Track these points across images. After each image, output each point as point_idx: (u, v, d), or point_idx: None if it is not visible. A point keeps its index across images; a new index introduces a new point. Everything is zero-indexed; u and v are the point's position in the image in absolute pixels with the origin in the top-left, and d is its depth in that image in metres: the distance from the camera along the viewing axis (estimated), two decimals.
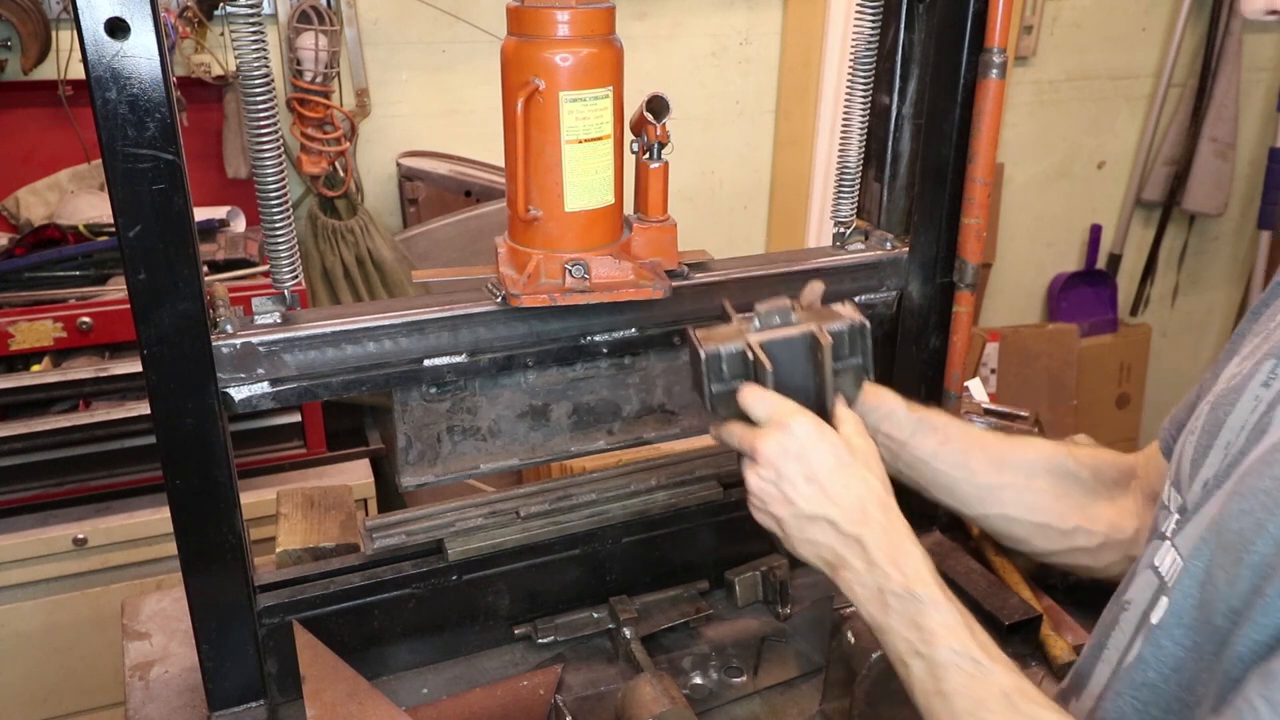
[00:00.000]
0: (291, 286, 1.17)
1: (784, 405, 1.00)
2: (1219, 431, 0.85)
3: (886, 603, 0.92)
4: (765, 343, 1.02)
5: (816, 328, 1.02)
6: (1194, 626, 0.78)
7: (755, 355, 1.01)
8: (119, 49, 0.94)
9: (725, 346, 1.02)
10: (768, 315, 1.05)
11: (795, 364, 1.02)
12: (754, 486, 1.00)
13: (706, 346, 1.03)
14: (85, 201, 2.40)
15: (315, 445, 2.37)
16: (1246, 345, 0.92)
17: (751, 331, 1.04)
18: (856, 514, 0.95)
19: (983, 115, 1.32)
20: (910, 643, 0.90)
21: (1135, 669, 0.83)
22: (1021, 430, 1.97)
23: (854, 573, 0.95)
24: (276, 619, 1.26)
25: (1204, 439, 0.87)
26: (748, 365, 1.03)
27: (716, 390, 1.03)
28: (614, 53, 1.16)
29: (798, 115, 3.21)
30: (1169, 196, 3.92)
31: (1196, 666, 0.77)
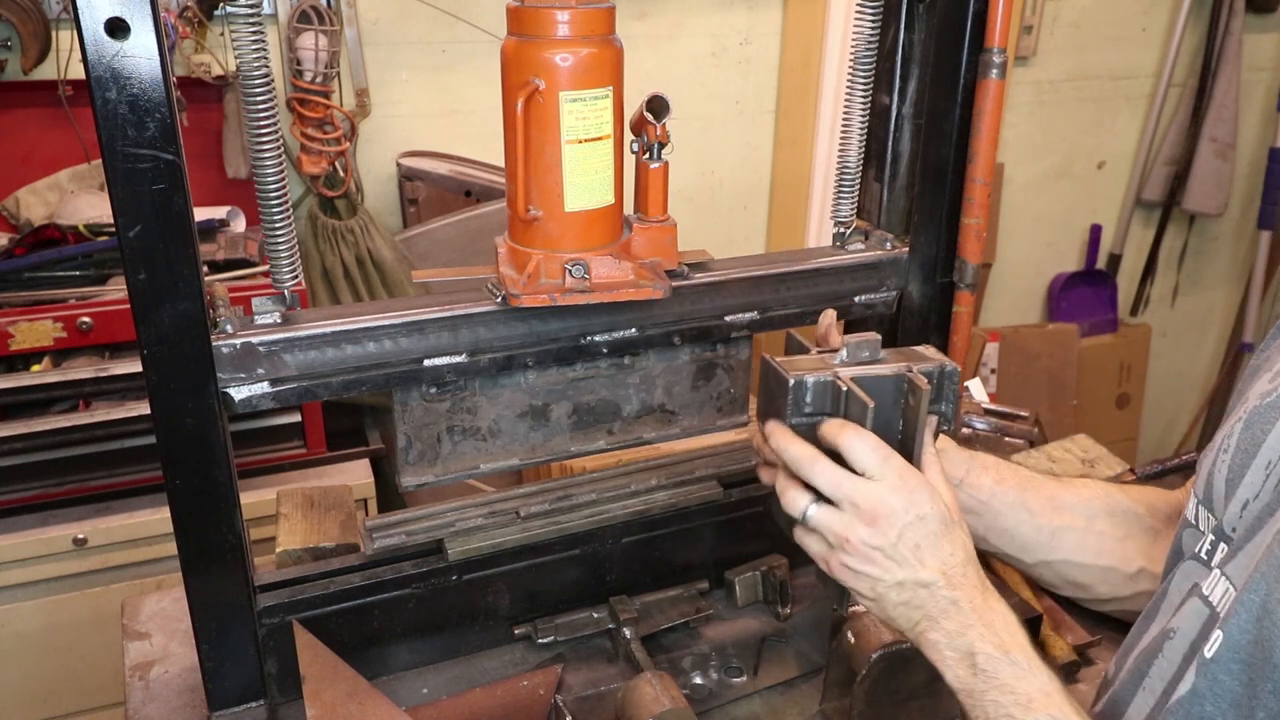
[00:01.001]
0: (291, 286, 1.17)
1: (892, 461, 0.92)
2: (1257, 450, 0.83)
3: (977, 664, 0.88)
4: (858, 378, 0.95)
5: (910, 369, 0.96)
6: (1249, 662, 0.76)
7: (851, 390, 0.93)
8: (119, 49, 0.94)
9: (813, 376, 0.94)
10: (857, 348, 0.98)
11: (884, 405, 0.94)
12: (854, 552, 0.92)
13: (793, 374, 0.95)
14: (85, 201, 2.40)
15: (315, 445, 2.37)
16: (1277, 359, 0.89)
17: (838, 364, 0.98)
18: (958, 577, 0.91)
19: (983, 115, 1.32)
20: (1002, 706, 0.86)
21: (1191, 702, 0.80)
22: (1021, 430, 1.98)
23: (944, 635, 0.91)
24: (276, 619, 1.26)
25: (1239, 458, 0.85)
26: (835, 398, 0.96)
27: (797, 423, 0.96)
28: (614, 53, 1.16)
29: (798, 115, 3.21)
30: (1169, 196, 3.92)
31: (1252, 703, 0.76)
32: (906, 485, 0.91)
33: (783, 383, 0.95)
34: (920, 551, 0.91)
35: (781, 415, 0.96)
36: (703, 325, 1.34)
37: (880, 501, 0.91)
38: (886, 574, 0.92)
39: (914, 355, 1.00)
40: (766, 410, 1.01)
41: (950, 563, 0.91)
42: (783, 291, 1.38)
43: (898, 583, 0.91)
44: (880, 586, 0.92)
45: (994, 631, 0.88)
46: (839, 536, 0.93)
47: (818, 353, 1.01)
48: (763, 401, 1.02)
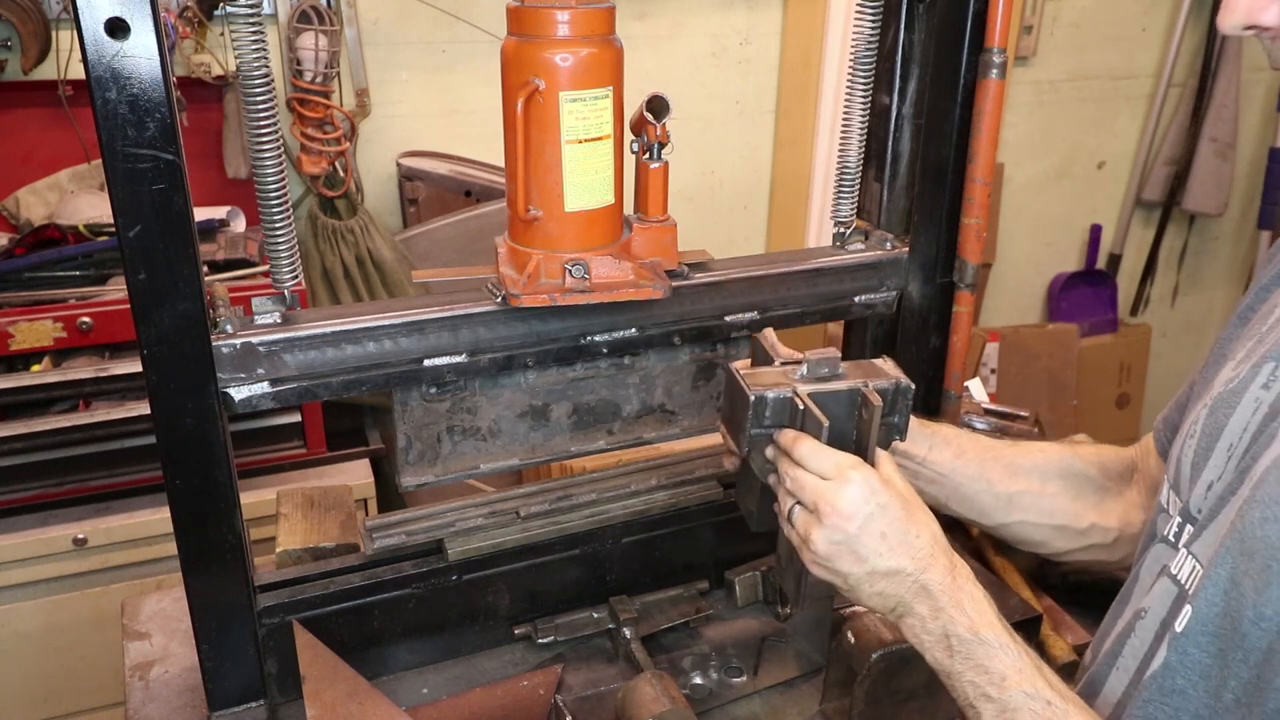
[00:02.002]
0: (291, 286, 1.17)
1: (845, 459, 0.97)
2: (1220, 435, 0.86)
3: (952, 647, 0.91)
4: (814, 394, 1.01)
5: (865, 385, 1.02)
6: (1219, 634, 0.79)
7: (807, 407, 1.00)
8: (119, 49, 0.94)
9: (773, 392, 1.01)
10: (816, 365, 1.04)
11: (839, 418, 1.01)
12: (821, 548, 0.96)
13: (754, 390, 1.01)
14: (85, 201, 2.40)
15: (315, 445, 2.37)
16: (1239, 349, 0.93)
17: (798, 379, 1.03)
18: (925, 561, 0.94)
19: (983, 115, 1.32)
20: (979, 686, 0.89)
21: (1163, 676, 0.83)
22: (1022, 430, 1.97)
23: (919, 619, 0.94)
24: (276, 619, 1.26)
25: (1204, 442, 0.88)
26: (793, 414, 1.02)
27: (756, 434, 1.03)
28: (614, 53, 1.16)
29: (798, 115, 3.21)
30: (1169, 196, 3.92)
31: (1223, 673, 0.78)
32: (863, 479, 0.95)
33: (744, 398, 1.01)
34: (888, 539, 0.94)
35: (742, 425, 1.03)
36: (703, 325, 1.34)
37: (837, 495, 0.95)
38: (855, 567, 0.95)
39: (872, 370, 1.06)
40: (728, 416, 1.08)
41: (917, 545, 0.94)
42: (783, 291, 1.38)
43: (868, 573, 0.95)
44: (852, 579, 0.96)
45: (964, 613, 0.91)
46: (803, 535, 0.97)
47: (781, 364, 1.06)
48: (726, 407, 1.09)
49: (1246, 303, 0.97)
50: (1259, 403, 0.83)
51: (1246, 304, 0.96)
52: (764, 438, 1.03)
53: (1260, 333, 0.90)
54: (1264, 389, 0.83)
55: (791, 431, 1.01)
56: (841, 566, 0.96)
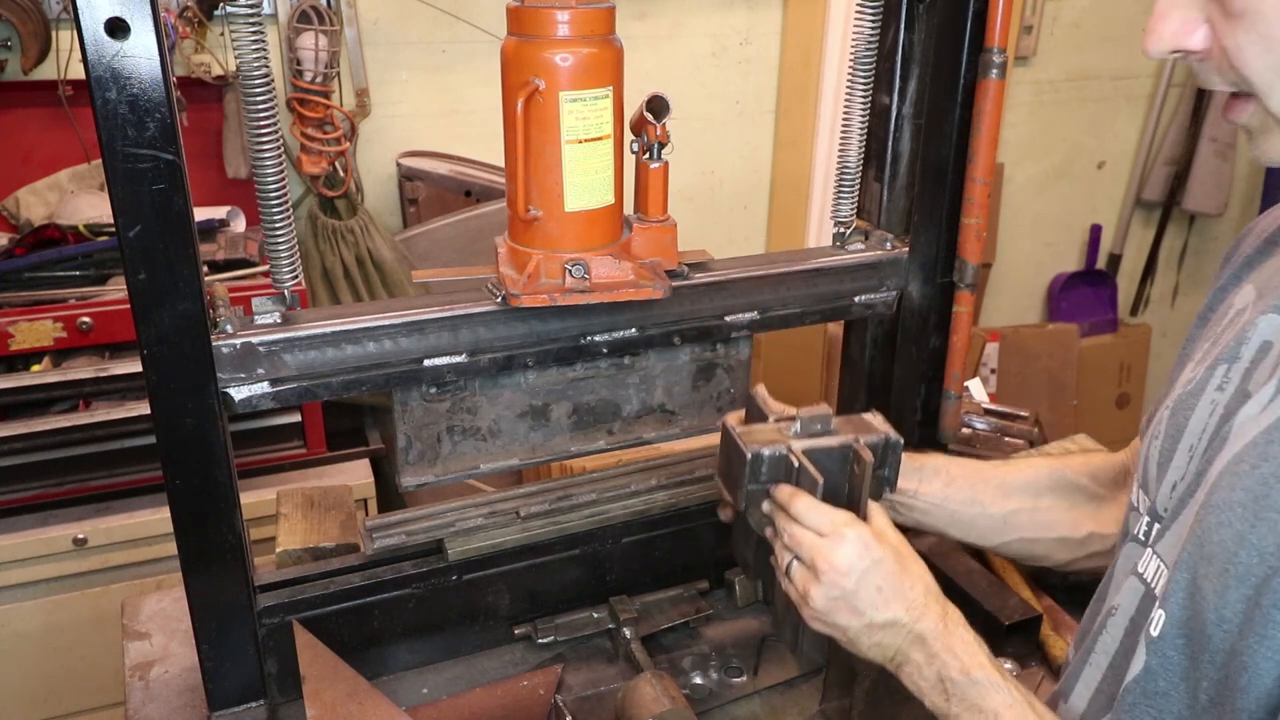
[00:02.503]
0: (291, 286, 1.17)
1: (840, 516, 1.00)
2: (1181, 435, 0.88)
3: (947, 690, 0.94)
4: (808, 450, 1.05)
5: (857, 441, 1.05)
6: (1190, 636, 0.81)
7: (802, 464, 1.03)
8: (119, 49, 0.94)
9: (768, 450, 1.05)
10: (809, 422, 1.07)
11: (832, 473, 1.04)
12: (819, 604, 0.99)
13: (750, 448, 1.05)
14: (85, 201, 2.40)
15: (315, 445, 2.37)
16: (1198, 350, 0.95)
17: (792, 436, 1.07)
18: (919, 610, 0.97)
19: (983, 115, 1.32)
20: None
21: (1145, 679, 0.84)
22: (1021, 430, 1.98)
23: (915, 666, 0.97)
24: (276, 619, 1.26)
25: (1167, 443, 0.90)
26: (788, 470, 1.05)
27: (753, 489, 1.06)
28: (614, 53, 1.16)
29: (798, 115, 3.21)
30: (1169, 196, 3.92)
31: (1197, 674, 0.80)
32: (858, 535, 0.98)
33: (741, 455, 1.05)
34: (883, 593, 0.97)
35: (740, 482, 1.06)
36: (703, 325, 1.34)
37: (834, 552, 0.98)
38: (853, 620, 0.98)
39: (862, 425, 1.10)
40: (725, 472, 1.12)
41: (911, 596, 0.98)
42: (783, 291, 1.38)
43: (865, 626, 0.98)
44: (850, 632, 0.99)
45: (956, 656, 0.95)
46: (801, 591, 1.01)
47: (775, 420, 1.10)
48: (722, 463, 1.13)
49: (1206, 304, 0.99)
50: (1214, 404, 0.85)
51: (1206, 305, 0.99)
52: (760, 493, 1.06)
53: (1216, 334, 0.92)
54: (1219, 390, 0.85)
55: (788, 487, 1.04)
56: (840, 620, 0.99)
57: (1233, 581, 0.75)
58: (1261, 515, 0.74)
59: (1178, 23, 0.78)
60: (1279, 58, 0.72)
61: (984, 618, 1.40)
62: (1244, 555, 0.75)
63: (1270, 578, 0.72)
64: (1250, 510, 0.75)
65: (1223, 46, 0.75)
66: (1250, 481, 0.76)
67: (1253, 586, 0.74)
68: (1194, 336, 0.98)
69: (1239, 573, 0.75)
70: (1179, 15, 0.77)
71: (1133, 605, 0.90)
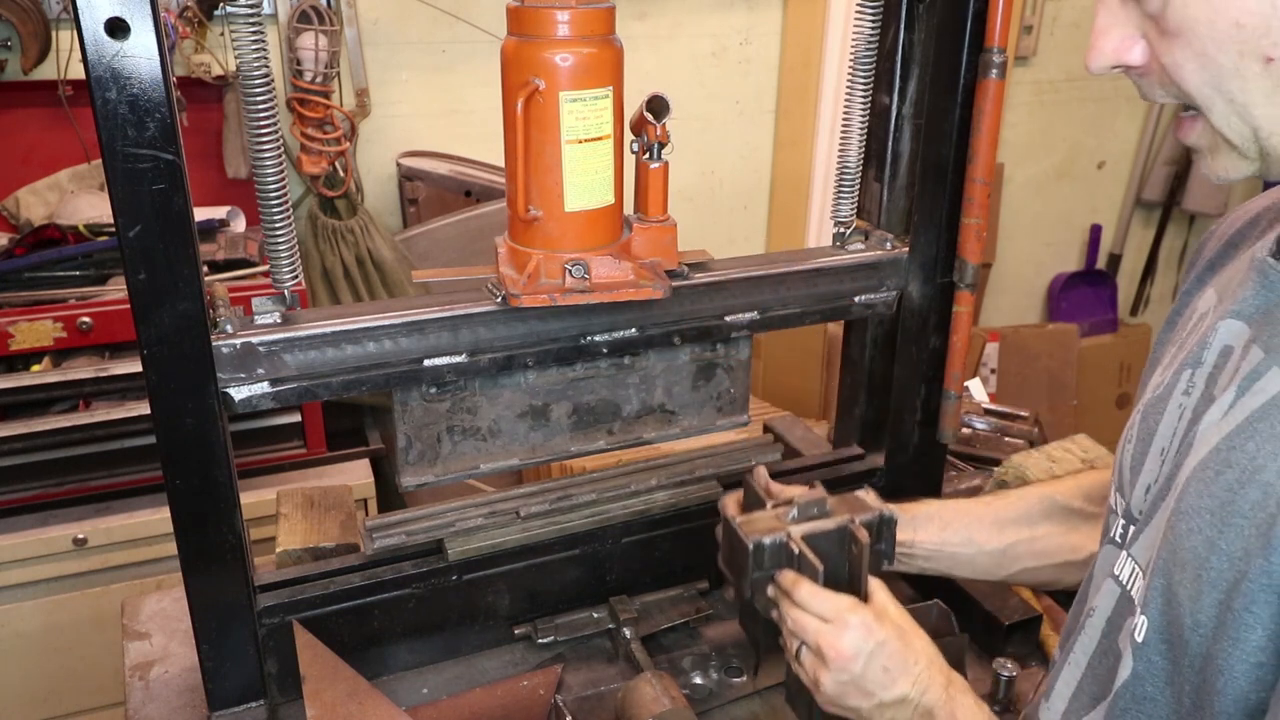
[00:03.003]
0: (291, 286, 1.17)
1: (841, 601, 1.04)
2: (1152, 439, 0.90)
3: None
4: (807, 536, 1.09)
5: (853, 521, 1.11)
6: (1170, 641, 0.82)
7: (802, 551, 1.08)
8: (119, 49, 0.94)
9: (769, 539, 1.09)
10: (806, 507, 1.12)
11: (831, 555, 1.09)
12: (830, 690, 1.03)
13: (752, 538, 1.09)
14: (85, 201, 2.40)
15: (315, 445, 2.37)
16: (1166, 354, 0.96)
17: (789, 521, 1.11)
18: (924, 684, 1.01)
19: (983, 115, 1.32)
20: None
21: (1134, 685, 0.86)
22: (1021, 430, 1.98)
23: None
24: (276, 619, 1.26)
25: (1140, 445, 0.92)
26: (789, 556, 1.10)
27: (757, 576, 1.10)
28: (614, 53, 1.16)
29: (798, 115, 3.21)
30: (1169, 196, 3.92)
31: (1180, 678, 0.81)
32: (860, 620, 1.02)
33: (743, 546, 1.09)
34: (890, 672, 1.01)
35: (744, 571, 1.10)
36: (703, 325, 1.34)
37: (839, 639, 1.02)
38: (864, 701, 1.02)
39: (857, 504, 1.15)
40: (729, 560, 1.17)
41: (916, 671, 1.02)
42: (783, 291, 1.38)
43: (876, 705, 1.02)
44: (863, 712, 1.03)
45: None
46: (812, 678, 1.05)
47: (772, 506, 1.15)
48: (725, 551, 1.18)
49: (1174, 307, 1.00)
50: (1182, 408, 0.87)
51: (1173, 309, 1.00)
52: (765, 579, 1.10)
53: (1181, 338, 0.94)
54: (1185, 395, 0.87)
55: (790, 574, 1.08)
56: (851, 702, 1.03)
57: (1205, 587, 0.77)
58: (1229, 521, 0.76)
59: (1117, 39, 0.78)
60: (1215, 74, 0.72)
61: (984, 618, 1.40)
62: (1215, 560, 0.76)
63: (1239, 581, 0.74)
64: (1218, 516, 0.77)
65: (1161, 63, 0.76)
66: (1216, 488, 0.77)
67: (1224, 591, 0.75)
68: (1162, 340, 0.99)
69: (1211, 578, 0.76)
70: (1118, 32, 0.78)
71: (1109, 607, 0.92)
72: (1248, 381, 0.79)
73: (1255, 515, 0.73)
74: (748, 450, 1.54)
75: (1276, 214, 0.92)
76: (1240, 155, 0.76)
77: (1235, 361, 0.82)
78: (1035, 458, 1.70)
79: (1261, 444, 0.75)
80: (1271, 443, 0.74)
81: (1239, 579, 0.74)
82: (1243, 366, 0.80)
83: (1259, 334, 0.80)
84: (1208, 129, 0.77)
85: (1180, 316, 0.97)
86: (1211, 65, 0.72)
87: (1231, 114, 0.73)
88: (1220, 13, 0.70)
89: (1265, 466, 0.74)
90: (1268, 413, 0.76)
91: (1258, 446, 0.75)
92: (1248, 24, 0.69)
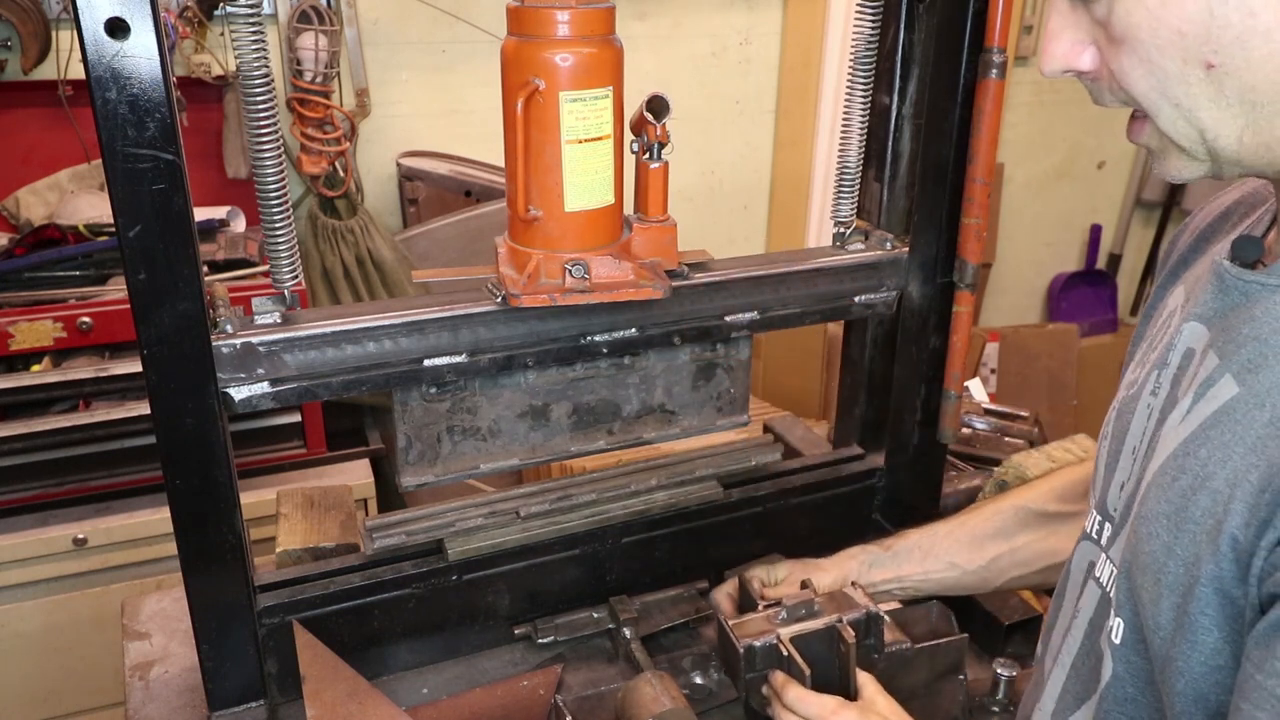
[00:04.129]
0: (291, 286, 1.17)
1: (827, 704, 1.09)
2: (1125, 437, 0.91)
3: None
4: (796, 639, 1.16)
5: (840, 621, 1.17)
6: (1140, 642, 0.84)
7: (791, 654, 1.14)
8: (119, 49, 0.94)
9: (760, 641, 1.16)
10: (794, 609, 1.19)
11: (821, 655, 1.15)
12: None
13: (743, 641, 1.16)
14: (85, 201, 2.40)
15: (315, 445, 2.37)
16: (1139, 350, 0.96)
17: (780, 623, 1.18)
18: None
19: (983, 115, 1.32)
20: None
21: (1115, 686, 0.87)
22: (1021, 430, 1.98)
23: None
24: (276, 619, 1.26)
25: (1114, 444, 0.93)
26: (779, 658, 1.15)
27: (751, 678, 1.17)
28: (614, 53, 1.16)
29: (798, 115, 3.21)
30: (1169, 196, 3.93)
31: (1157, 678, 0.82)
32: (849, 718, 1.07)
33: (735, 649, 1.16)
34: None
35: (738, 672, 1.18)
36: (703, 325, 1.34)
37: None
38: None
39: (845, 601, 1.22)
40: (724, 659, 1.26)
41: None
42: (783, 291, 1.38)
43: None
44: None
45: None
46: None
47: (764, 607, 1.22)
48: (721, 650, 1.28)
49: (1150, 302, 1.00)
50: (1150, 409, 0.88)
51: (1150, 303, 1.00)
52: (759, 679, 1.17)
53: (1153, 335, 0.94)
54: (1153, 395, 0.88)
55: (780, 676, 1.13)
56: None
57: (1164, 590, 0.78)
58: (1182, 527, 0.77)
59: (1067, 44, 0.79)
60: (1160, 80, 0.73)
61: (984, 618, 1.40)
62: (1171, 565, 0.77)
63: (1193, 586, 0.75)
64: (1173, 522, 0.78)
65: (1110, 69, 0.77)
66: (1172, 494, 0.78)
67: (1180, 595, 0.77)
68: (1139, 336, 1.00)
69: (1168, 582, 0.78)
70: (1068, 38, 0.79)
71: (1091, 608, 0.93)
72: (1204, 387, 0.79)
73: (1205, 521, 0.75)
74: (748, 450, 1.54)
75: (1248, 209, 0.92)
76: (1190, 157, 0.77)
77: (1195, 365, 0.83)
78: (1035, 458, 1.70)
79: (1212, 451, 0.76)
80: (1221, 450, 0.75)
81: (1192, 584, 0.75)
82: (1200, 372, 0.81)
83: (1215, 339, 0.81)
84: (1156, 131, 0.78)
85: (1155, 311, 0.98)
86: (1157, 71, 0.73)
87: (1178, 118, 0.74)
88: (1162, 21, 0.71)
89: (1215, 474, 0.75)
90: (1219, 420, 0.77)
91: (1209, 453, 0.76)
92: (1188, 31, 0.70)
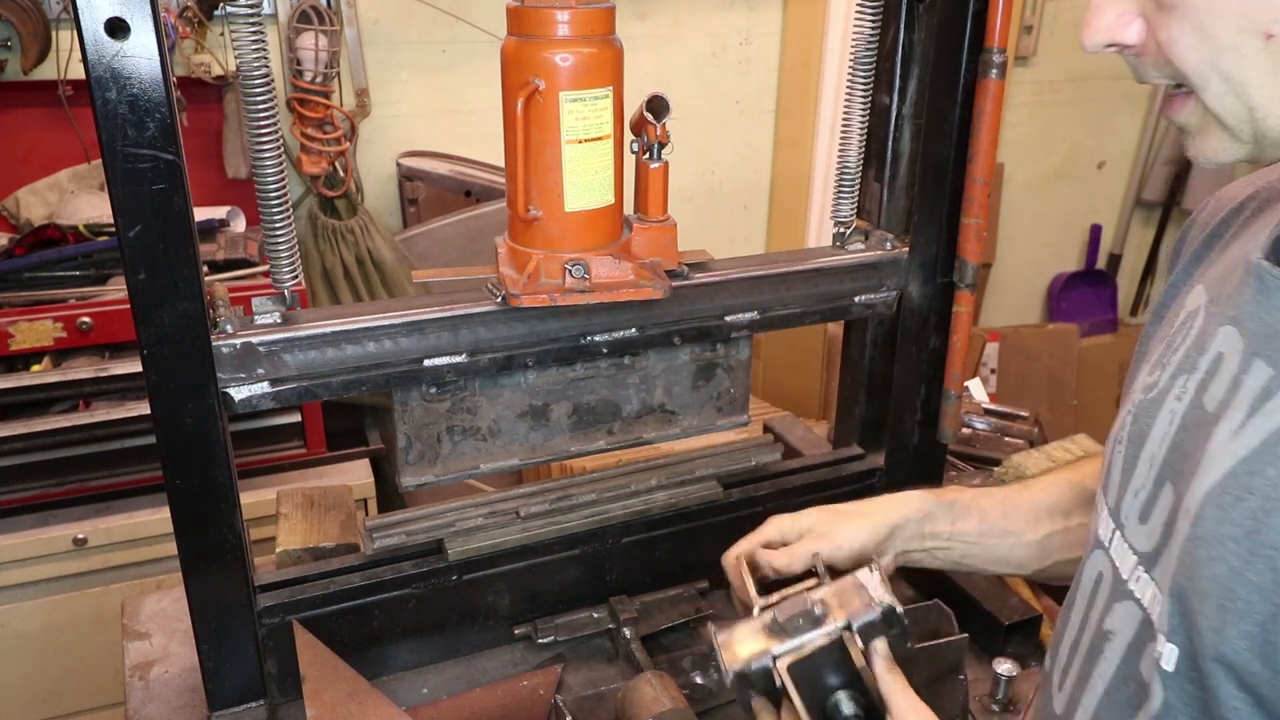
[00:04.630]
0: (291, 286, 1.17)
1: None
2: (1143, 443, 0.87)
3: None
4: (793, 664, 0.97)
5: (849, 628, 0.97)
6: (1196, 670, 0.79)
7: (785, 683, 0.96)
8: (119, 49, 0.94)
9: (752, 666, 0.98)
10: (790, 620, 0.99)
11: (828, 668, 0.98)
12: None
13: (733, 666, 0.99)
14: (85, 201, 2.40)
15: (315, 445, 2.37)
16: (1153, 351, 0.93)
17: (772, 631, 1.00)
18: None
19: (983, 115, 1.32)
20: None
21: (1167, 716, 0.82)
22: (1021, 430, 1.98)
23: None
24: (276, 619, 1.26)
25: (1130, 449, 0.89)
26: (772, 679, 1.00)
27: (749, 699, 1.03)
28: (614, 53, 1.16)
29: (798, 115, 3.21)
30: (1169, 196, 3.93)
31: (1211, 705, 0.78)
32: None
33: (725, 671, 1.00)
34: None
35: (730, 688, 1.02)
36: (703, 325, 1.34)
37: None
38: None
39: (856, 592, 1.00)
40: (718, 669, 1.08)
41: None
42: (783, 291, 1.38)
43: None
44: None
45: None
46: None
47: (759, 611, 1.02)
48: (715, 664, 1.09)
49: (1160, 300, 0.97)
50: (1173, 414, 0.84)
51: (1160, 301, 0.96)
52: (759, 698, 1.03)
53: (1169, 335, 0.91)
54: (1177, 400, 0.84)
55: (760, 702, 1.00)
56: None
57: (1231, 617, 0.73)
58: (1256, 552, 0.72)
59: (1113, 16, 0.76)
60: (1212, 50, 0.70)
61: (984, 618, 1.40)
62: (1243, 591, 0.72)
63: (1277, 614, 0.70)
64: (1244, 546, 0.73)
65: (1158, 40, 0.74)
66: (1238, 515, 0.73)
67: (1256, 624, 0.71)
68: (1149, 335, 0.96)
69: (1239, 609, 0.73)
70: (1114, 9, 0.76)
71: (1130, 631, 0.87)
72: (1260, 400, 0.74)
73: None
74: (748, 450, 1.54)
75: (1262, 202, 0.88)
76: (1232, 136, 0.73)
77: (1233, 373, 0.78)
78: (1035, 458, 1.70)
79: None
80: None
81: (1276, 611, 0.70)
82: (1247, 381, 0.76)
83: (1261, 347, 0.77)
84: (1199, 108, 0.74)
85: (1168, 310, 0.94)
86: (1209, 40, 0.70)
87: (1227, 93, 0.71)
88: None
89: None
90: None
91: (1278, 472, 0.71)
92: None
